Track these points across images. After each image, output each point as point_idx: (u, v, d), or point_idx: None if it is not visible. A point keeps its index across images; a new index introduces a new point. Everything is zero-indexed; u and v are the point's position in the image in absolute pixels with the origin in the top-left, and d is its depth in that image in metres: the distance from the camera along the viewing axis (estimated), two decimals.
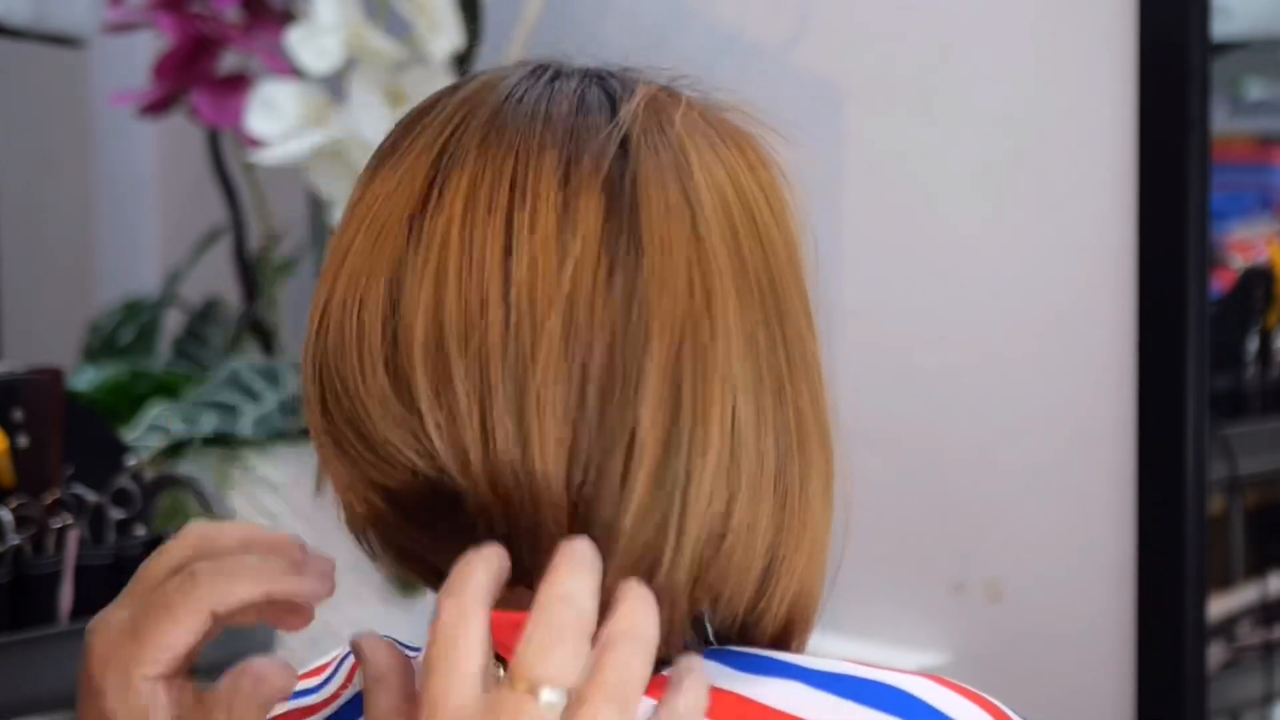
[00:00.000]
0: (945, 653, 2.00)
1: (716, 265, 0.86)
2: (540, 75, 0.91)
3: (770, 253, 0.89)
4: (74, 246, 2.65)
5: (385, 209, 0.88)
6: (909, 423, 2.00)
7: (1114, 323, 1.90)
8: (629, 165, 0.87)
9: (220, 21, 2.16)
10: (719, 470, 0.86)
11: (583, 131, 0.87)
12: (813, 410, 0.90)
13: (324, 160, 2.06)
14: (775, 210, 0.90)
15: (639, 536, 0.85)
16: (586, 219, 0.85)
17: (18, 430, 1.68)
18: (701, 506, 0.85)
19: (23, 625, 1.64)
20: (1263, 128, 2.12)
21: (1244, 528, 2.06)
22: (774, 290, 0.89)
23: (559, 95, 0.89)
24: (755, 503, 0.87)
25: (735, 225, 0.88)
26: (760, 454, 0.87)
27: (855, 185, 2.03)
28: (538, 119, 0.88)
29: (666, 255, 0.86)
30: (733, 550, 0.87)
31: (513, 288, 0.85)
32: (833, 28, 2.07)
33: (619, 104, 0.89)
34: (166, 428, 2.04)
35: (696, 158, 0.88)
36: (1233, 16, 1.97)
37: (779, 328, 0.88)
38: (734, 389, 0.86)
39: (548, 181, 0.86)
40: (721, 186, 0.88)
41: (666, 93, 0.91)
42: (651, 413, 0.84)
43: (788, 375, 0.88)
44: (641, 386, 0.84)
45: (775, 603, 0.90)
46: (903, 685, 0.86)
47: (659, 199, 0.86)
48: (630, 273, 0.85)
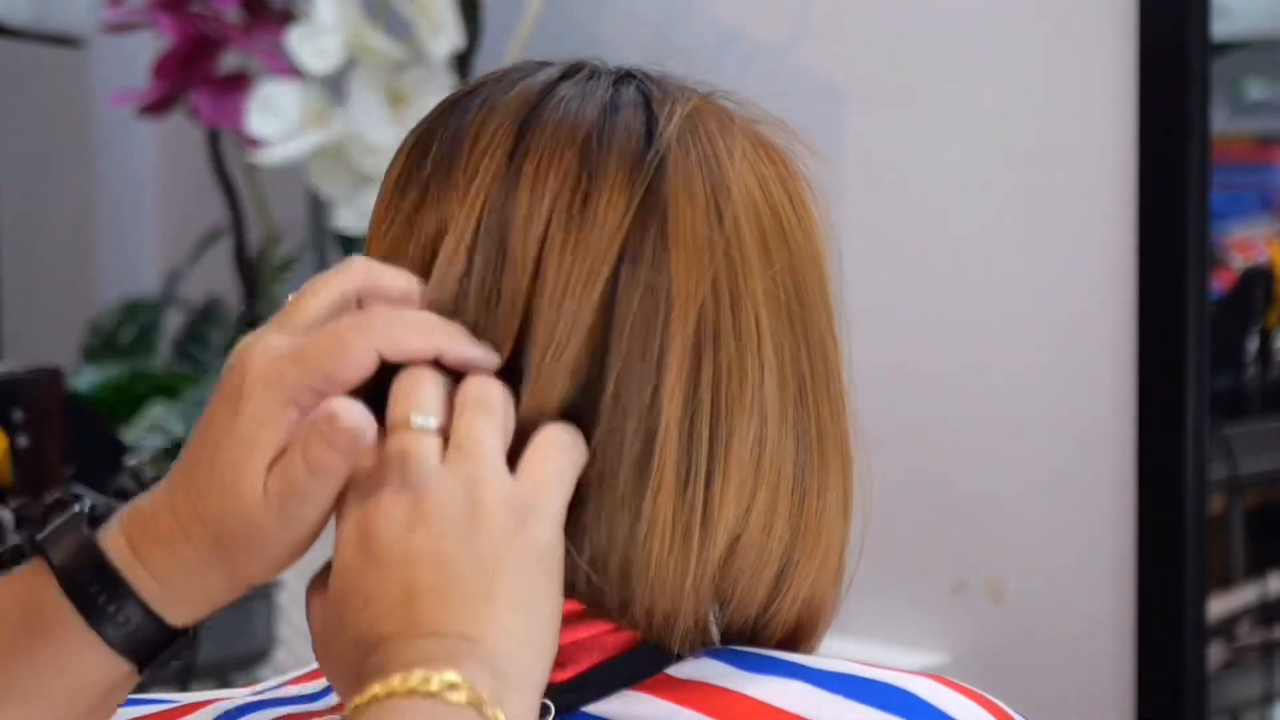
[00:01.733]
0: (946, 652, 2.00)
1: (744, 267, 0.87)
2: (574, 74, 0.91)
3: (796, 261, 0.89)
4: (74, 246, 2.65)
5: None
6: (908, 423, 2.00)
7: (1114, 323, 1.90)
8: (660, 164, 0.87)
9: (220, 21, 2.17)
10: (744, 474, 0.86)
11: (616, 129, 0.88)
12: (833, 418, 0.90)
13: (324, 160, 2.06)
14: (802, 220, 0.91)
15: (661, 542, 0.85)
16: (614, 215, 0.86)
17: (18, 430, 1.68)
18: (729, 510, 0.86)
19: None
20: (1263, 128, 2.13)
21: (1244, 528, 2.06)
22: (799, 297, 0.89)
23: (592, 93, 0.89)
24: (773, 507, 0.87)
25: (764, 230, 0.88)
26: (780, 459, 0.87)
27: (855, 185, 2.03)
28: (569, 115, 0.88)
29: (693, 254, 0.86)
30: (747, 553, 0.87)
31: (541, 277, 0.85)
32: (833, 28, 2.07)
33: (653, 105, 0.89)
34: (166, 428, 2.04)
35: (728, 163, 0.89)
36: (1233, 16, 1.97)
37: (803, 334, 0.89)
38: (759, 392, 0.87)
39: (576, 176, 0.86)
40: (751, 192, 0.89)
41: (701, 99, 0.91)
42: (676, 410, 0.85)
43: (810, 382, 0.89)
44: (661, 385, 0.85)
45: (785, 607, 0.90)
46: (904, 685, 0.87)
47: (688, 200, 0.87)
48: (656, 270, 0.85)
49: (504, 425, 0.83)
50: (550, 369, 0.85)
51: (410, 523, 0.80)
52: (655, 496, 0.85)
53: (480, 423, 0.82)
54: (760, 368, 0.87)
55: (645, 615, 0.86)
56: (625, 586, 0.86)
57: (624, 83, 0.91)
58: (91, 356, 2.39)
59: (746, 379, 0.86)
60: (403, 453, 0.81)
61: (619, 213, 0.86)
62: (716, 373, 0.86)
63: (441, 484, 0.81)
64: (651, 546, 0.85)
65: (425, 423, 0.82)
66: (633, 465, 0.85)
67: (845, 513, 0.91)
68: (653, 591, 0.86)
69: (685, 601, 0.86)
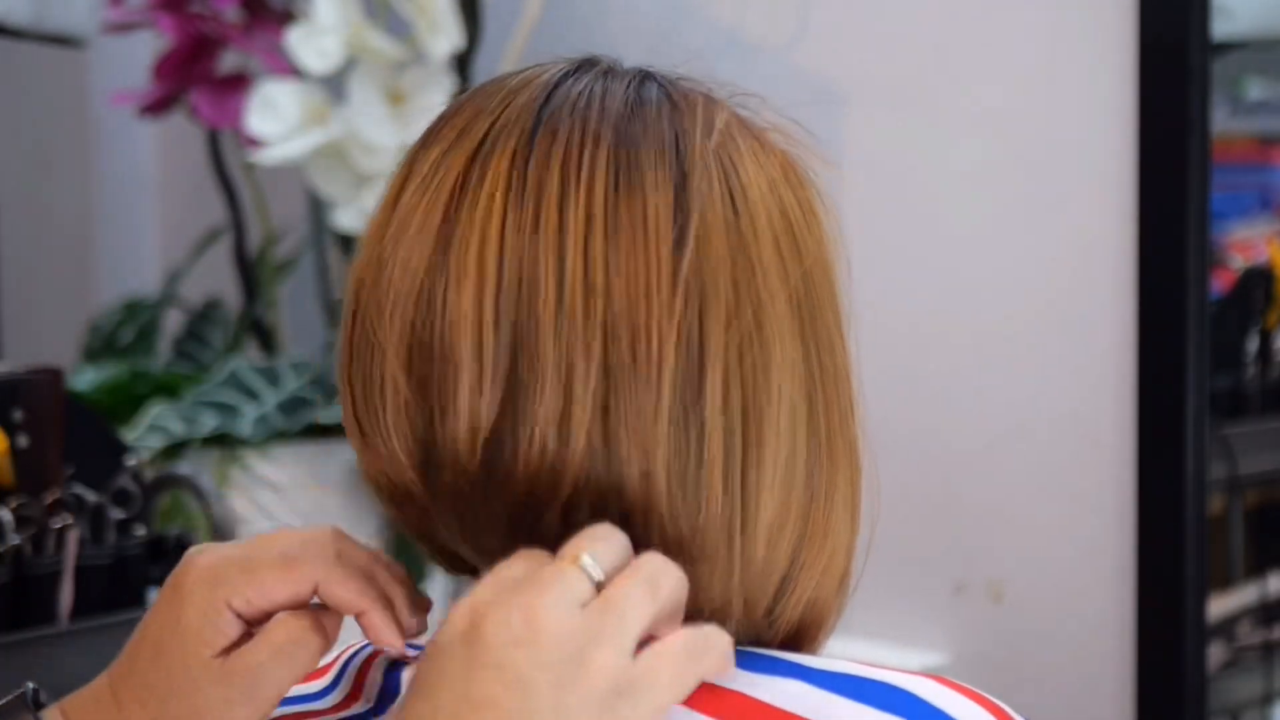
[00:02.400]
0: (947, 652, 2.00)
1: (762, 269, 0.87)
2: (589, 69, 0.91)
3: (808, 264, 0.90)
4: (74, 246, 2.65)
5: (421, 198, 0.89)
6: (909, 423, 2.00)
7: (1114, 323, 1.90)
8: (681, 167, 0.87)
9: (220, 21, 2.16)
10: (775, 477, 0.87)
11: (638, 128, 0.88)
12: (842, 422, 0.90)
13: (324, 160, 2.06)
14: (811, 225, 0.91)
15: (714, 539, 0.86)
16: (637, 214, 0.86)
17: (18, 430, 1.68)
18: (766, 513, 0.86)
19: (23, 625, 1.64)
20: (1263, 128, 2.12)
21: (1244, 528, 2.06)
22: (809, 299, 0.89)
23: (613, 90, 0.89)
24: (784, 509, 0.88)
25: (777, 234, 0.89)
26: (792, 461, 0.88)
27: (855, 185, 2.03)
28: (593, 111, 0.88)
29: (718, 255, 0.86)
30: (755, 554, 0.87)
31: (566, 277, 0.85)
32: (833, 28, 2.07)
33: (672, 104, 0.89)
34: (166, 428, 2.04)
35: (744, 167, 0.89)
36: (1233, 16, 1.97)
37: (813, 337, 0.89)
38: (783, 394, 0.87)
39: (601, 175, 0.86)
40: (765, 196, 0.89)
41: (716, 101, 0.91)
42: (717, 415, 0.85)
43: (820, 385, 0.89)
44: (703, 386, 0.85)
45: (790, 609, 0.90)
46: (905, 685, 0.87)
47: (709, 200, 0.87)
48: (684, 268, 0.86)
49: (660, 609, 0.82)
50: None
51: (520, 639, 0.79)
52: (706, 497, 0.85)
53: (638, 594, 0.81)
54: (783, 369, 0.87)
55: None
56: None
57: (645, 82, 0.91)
58: (91, 356, 2.39)
59: (771, 381, 0.87)
60: (556, 577, 0.80)
61: (651, 218, 0.86)
62: (745, 374, 0.86)
63: (569, 624, 0.80)
64: (704, 543, 0.86)
65: (592, 569, 0.81)
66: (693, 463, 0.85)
67: (853, 516, 0.92)
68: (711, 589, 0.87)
69: (734, 599, 0.87)
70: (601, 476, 0.84)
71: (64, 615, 1.67)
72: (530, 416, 0.84)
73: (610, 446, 0.84)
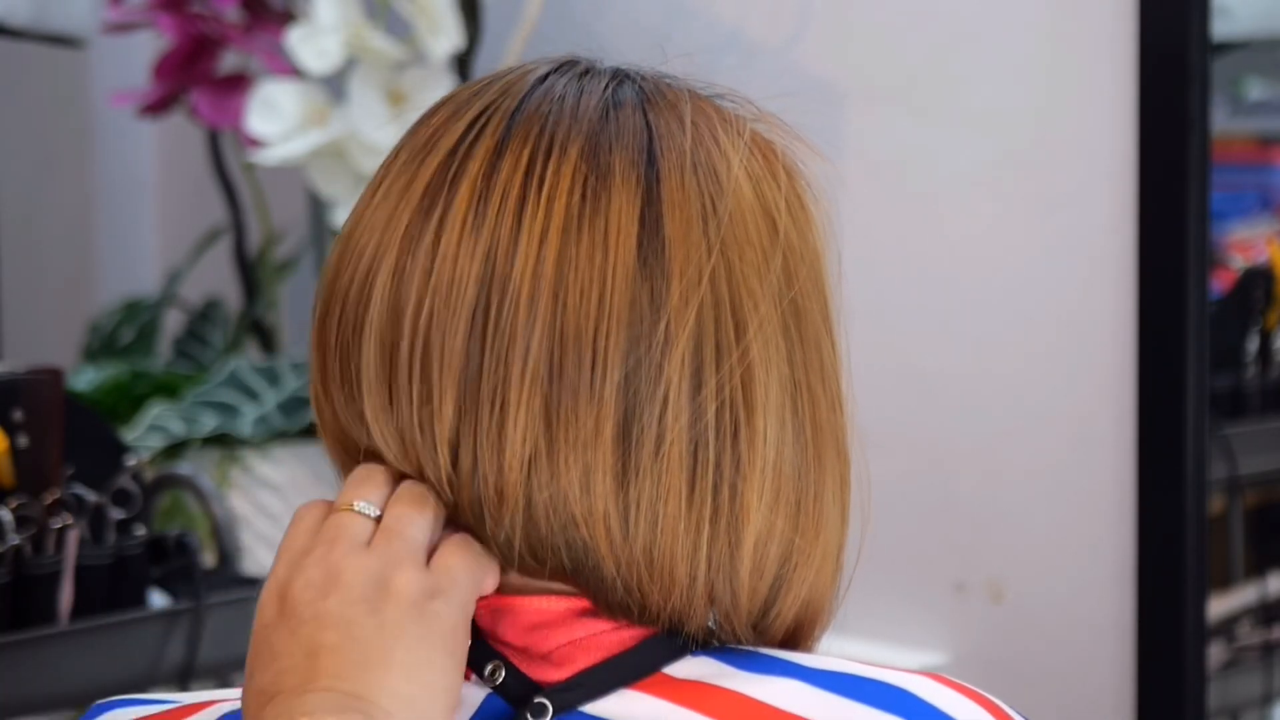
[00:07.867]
0: (946, 652, 2.00)
1: (742, 268, 0.87)
2: (569, 70, 0.91)
3: (791, 261, 0.89)
4: (74, 246, 2.65)
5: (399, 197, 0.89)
6: (909, 423, 2.00)
7: (1114, 323, 1.90)
8: (655, 165, 0.87)
9: (220, 21, 2.16)
10: (755, 475, 0.86)
11: (612, 128, 0.88)
12: (829, 420, 0.90)
13: (324, 160, 2.05)
14: (797, 220, 0.91)
15: (675, 540, 0.86)
16: (608, 215, 0.86)
17: (18, 430, 1.67)
18: (752, 516, 0.87)
19: (23, 625, 1.64)
20: (1263, 128, 2.12)
21: (1244, 528, 2.06)
22: (794, 298, 0.89)
23: (590, 91, 0.89)
24: (773, 511, 0.88)
25: (758, 231, 0.88)
26: (779, 462, 0.87)
27: (855, 185, 2.03)
28: (565, 112, 0.88)
29: (689, 255, 0.86)
30: (744, 557, 0.87)
31: (521, 288, 0.85)
32: (833, 28, 2.07)
33: (650, 105, 0.89)
34: (166, 428, 2.04)
35: (722, 164, 0.89)
36: (1233, 16, 1.97)
37: (798, 335, 0.89)
38: (763, 392, 0.87)
39: (565, 185, 0.86)
40: (745, 193, 0.89)
41: (698, 98, 0.91)
42: (681, 412, 0.85)
43: (806, 383, 0.89)
44: (665, 386, 0.85)
45: (784, 610, 0.90)
46: (904, 684, 0.87)
47: (683, 200, 0.87)
48: (652, 271, 0.85)
49: (431, 522, 0.88)
50: None
51: (325, 589, 0.86)
52: (665, 495, 0.85)
53: (409, 513, 0.88)
54: (764, 366, 0.87)
55: (656, 614, 0.87)
56: (640, 583, 0.86)
57: (622, 84, 0.91)
58: (91, 356, 2.39)
59: (752, 379, 0.86)
60: (337, 528, 0.87)
61: (623, 217, 0.86)
62: (720, 374, 0.86)
63: (361, 559, 0.86)
64: (665, 544, 0.86)
65: (365, 509, 0.89)
66: (648, 460, 0.85)
67: (842, 514, 0.91)
68: (664, 589, 0.86)
69: (697, 601, 0.87)
70: (544, 495, 0.86)
71: (64, 615, 1.67)
72: (482, 430, 0.86)
73: (552, 462, 0.85)
